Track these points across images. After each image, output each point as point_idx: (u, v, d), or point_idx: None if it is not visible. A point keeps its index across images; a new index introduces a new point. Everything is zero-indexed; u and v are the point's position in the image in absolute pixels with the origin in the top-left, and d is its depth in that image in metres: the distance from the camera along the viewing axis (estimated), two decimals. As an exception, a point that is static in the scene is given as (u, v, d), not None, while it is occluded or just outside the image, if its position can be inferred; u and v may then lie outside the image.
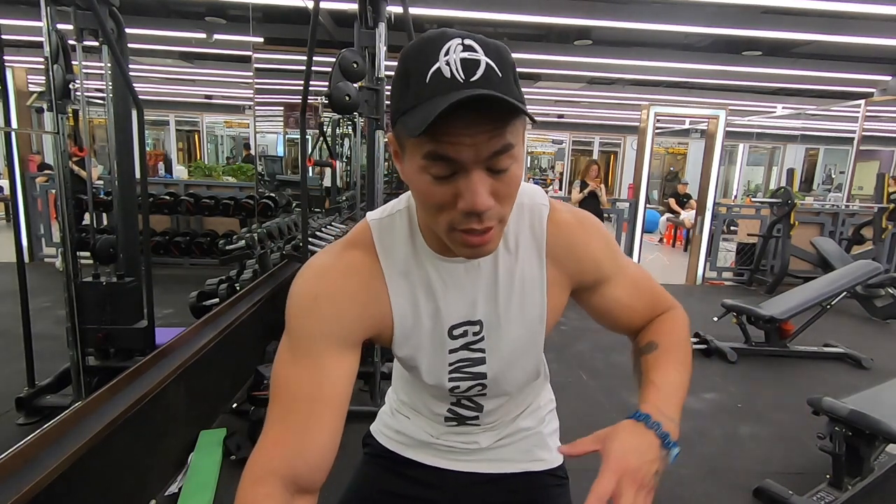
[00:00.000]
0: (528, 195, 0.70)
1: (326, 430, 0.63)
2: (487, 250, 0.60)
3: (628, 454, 0.59)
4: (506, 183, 0.56)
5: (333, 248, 0.70)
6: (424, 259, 0.68)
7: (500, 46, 0.54)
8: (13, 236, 2.02)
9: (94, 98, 2.25)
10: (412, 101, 0.52)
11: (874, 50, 5.75)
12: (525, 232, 0.70)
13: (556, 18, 5.04)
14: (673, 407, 0.66)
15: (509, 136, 0.53)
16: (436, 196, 0.55)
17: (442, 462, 0.87)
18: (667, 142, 14.07)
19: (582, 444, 0.62)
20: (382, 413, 0.95)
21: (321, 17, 3.74)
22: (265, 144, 8.20)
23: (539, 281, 0.70)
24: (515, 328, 0.71)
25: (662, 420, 0.63)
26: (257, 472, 0.61)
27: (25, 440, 1.34)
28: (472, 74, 0.51)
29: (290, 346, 0.65)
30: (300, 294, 0.65)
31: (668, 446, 0.62)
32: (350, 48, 2.39)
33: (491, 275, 0.69)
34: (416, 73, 0.52)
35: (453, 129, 0.51)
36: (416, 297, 0.69)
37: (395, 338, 0.70)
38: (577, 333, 3.89)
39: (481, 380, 0.75)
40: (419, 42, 0.53)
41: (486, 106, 0.50)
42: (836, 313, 4.05)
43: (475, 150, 0.52)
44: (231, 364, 2.63)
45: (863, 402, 2.00)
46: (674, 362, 0.72)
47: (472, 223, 0.55)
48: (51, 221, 5.31)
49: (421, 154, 0.54)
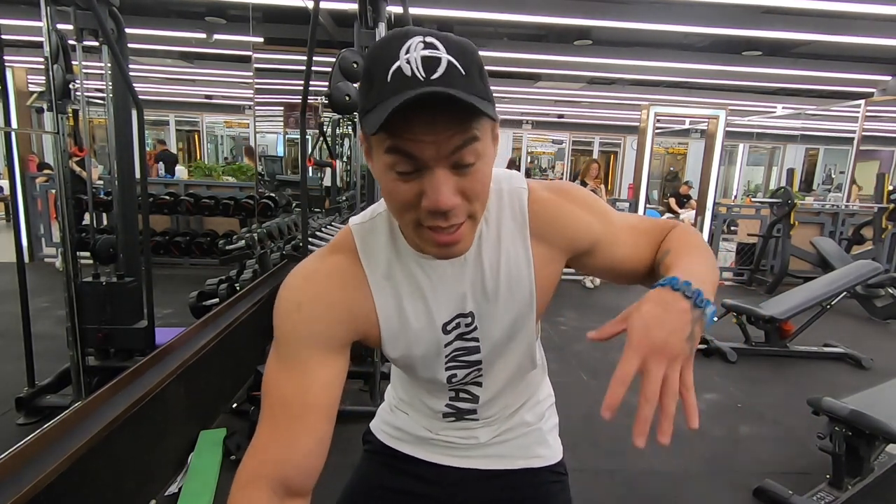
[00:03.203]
0: (505, 181, 0.71)
1: (314, 433, 0.64)
2: (459, 250, 0.60)
3: (651, 328, 0.52)
4: (472, 180, 0.56)
5: (317, 255, 0.71)
6: (408, 260, 0.69)
7: (465, 43, 0.54)
8: (13, 236, 2.03)
9: (94, 98, 2.25)
10: (375, 99, 0.52)
11: (874, 50, 5.75)
12: (506, 218, 0.70)
13: (556, 18, 5.05)
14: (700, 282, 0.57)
15: (473, 130, 0.53)
16: (401, 194, 0.56)
17: (441, 458, 0.87)
18: (667, 142, 14.07)
19: (609, 328, 0.56)
20: (382, 410, 0.96)
21: (321, 17, 3.74)
22: (265, 144, 8.21)
23: (525, 263, 0.70)
24: (506, 312, 0.72)
25: (691, 279, 0.56)
26: (247, 477, 0.62)
27: (25, 440, 1.34)
28: (432, 72, 0.51)
29: (278, 352, 0.66)
30: (285, 300, 0.66)
31: (700, 305, 0.55)
32: (350, 48, 2.39)
33: (476, 266, 0.69)
34: (378, 71, 0.52)
35: (413, 127, 0.51)
36: (400, 299, 0.69)
37: (384, 339, 0.71)
38: (577, 333, 3.89)
39: (476, 366, 0.75)
40: (382, 40, 0.54)
41: (445, 104, 0.50)
42: (836, 313, 4.05)
43: (436, 148, 0.52)
44: (231, 364, 2.63)
45: (863, 402, 2.00)
46: (696, 256, 0.65)
47: (438, 221, 0.56)
48: (51, 221, 5.31)
49: (383, 150, 0.54)
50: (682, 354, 0.52)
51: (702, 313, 0.55)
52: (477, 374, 0.77)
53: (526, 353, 0.78)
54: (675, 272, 0.59)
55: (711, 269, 0.63)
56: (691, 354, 0.53)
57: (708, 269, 0.62)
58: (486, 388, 0.80)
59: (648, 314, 0.54)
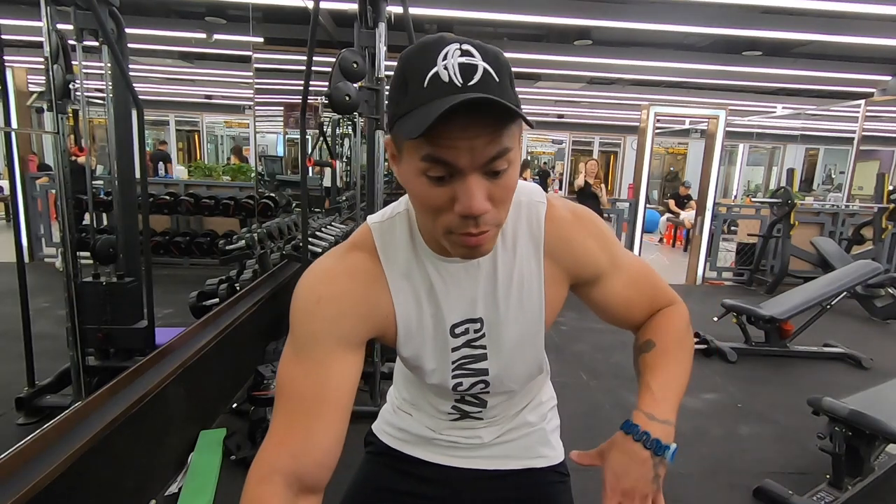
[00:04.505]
0: (525, 193, 0.71)
1: (330, 429, 0.64)
2: (483, 251, 0.61)
3: (621, 477, 0.66)
4: (502, 187, 0.56)
5: (336, 251, 0.71)
6: (425, 260, 0.69)
7: (497, 51, 0.55)
8: (13, 236, 2.03)
9: (94, 98, 2.25)
10: (410, 104, 0.53)
11: (874, 50, 5.75)
12: (523, 229, 0.70)
13: (556, 18, 5.04)
14: (667, 409, 0.68)
15: (506, 140, 0.54)
16: (433, 199, 0.56)
17: (444, 459, 0.87)
18: (667, 142, 14.07)
19: (588, 457, 0.71)
20: (384, 411, 0.96)
21: (321, 17, 3.74)
22: (265, 144, 8.20)
23: (537, 277, 0.71)
24: (515, 325, 0.72)
25: (651, 427, 0.66)
26: (262, 472, 0.62)
27: (25, 440, 1.34)
28: (469, 79, 0.51)
29: (295, 348, 0.66)
30: (304, 296, 0.66)
31: (660, 452, 0.65)
32: (350, 48, 2.39)
33: (490, 273, 0.70)
34: (414, 77, 0.53)
35: (451, 133, 0.52)
36: (418, 298, 0.70)
37: (399, 338, 0.71)
38: (577, 333, 3.89)
39: (483, 376, 0.75)
40: (417, 47, 0.54)
41: (483, 110, 0.51)
42: (836, 313, 4.05)
43: (472, 155, 0.53)
44: (231, 364, 2.63)
45: (863, 402, 2.00)
46: (672, 360, 0.73)
47: (469, 227, 0.56)
48: (51, 221, 5.31)
49: (419, 157, 0.54)
50: (650, 492, 0.65)
51: (661, 459, 0.66)
52: (484, 387, 0.77)
53: (534, 363, 0.79)
54: (643, 400, 0.69)
55: (680, 381, 0.73)
56: (659, 489, 0.66)
57: (677, 383, 0.72)
58: (494, 395, 0.80)
59: (617, 465, 0.66)
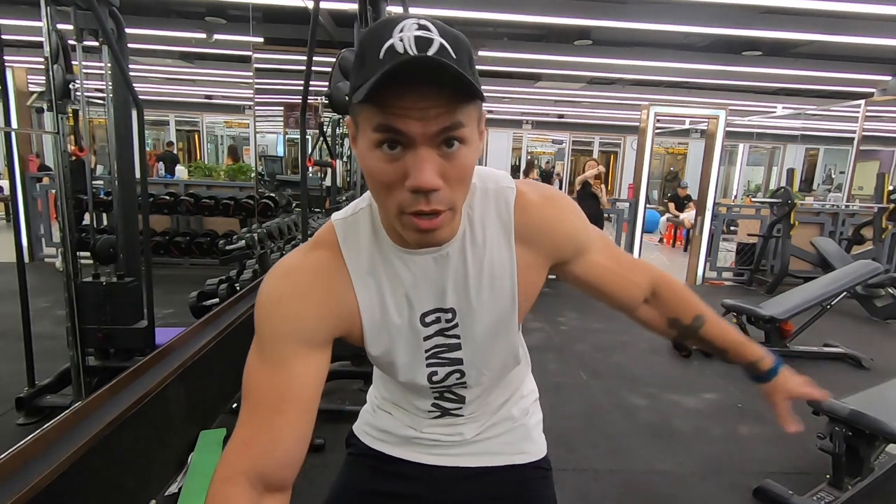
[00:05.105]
0: (492, 180, 0.70)
1: (294, 429, 0.64)
2: (438, 237, 0.60)
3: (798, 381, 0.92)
4: (455, 166, 0.56)
5: (299, 250, 0.70)
6: (390, 254, 0.68)
7: (458, 33, 0.55)
8: (13, 236, 2.02)
9: (94, 98, 2.25)
10: (365, 76, 0.53)
11: (874, 50, 5.75)
12: (492, 218, 0.69)
13: (556, 18, 5.05)
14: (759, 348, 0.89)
15: (460, 115, 0.54)
16: (386, 174, 0.56)
17: (427, 458, 0.86)
18: (667, 142, 14.08)
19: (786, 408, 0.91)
20: (364, 412, 0.95)
21: (321, 17, 3.74)
22: (265, 144, 8.21)
23: (509, 265, 0.70)
24: (488, 314, 0.72)
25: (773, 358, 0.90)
26: (226, 472, 0.62)
27: (25, 440, 1.34)
28: (424, 51, 0.51)
29: (259, 348, 0.66)
30: (266, 295, 0.66)
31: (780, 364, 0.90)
32: (350, 48, 2.39)
33: (460, 265, 0.69)
34: (370, 49, 0.53)
35: (404, 102, 0.52)
36: (382, 294, 0.69)
37: (366, 335, 0.71)
38: (577, 333, 3.89)
39: (458, 366, 0.75)
40: (377, 24, 0.55)
41: (438, 83, 0.51)
42: (836, 313, 4.05)
43: (423, 125, 0.53)
44: (231, 364, 2.63)
45: (863, 402, 2.00)
46: (725, 322, 0.90)
47: (420, 204, 0.56)
48: (51, 221, 5.31)
49: (371, 128, 0.54)
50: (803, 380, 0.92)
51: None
52: (460, 377, 0.76)
53: (509, 352, 0.78)
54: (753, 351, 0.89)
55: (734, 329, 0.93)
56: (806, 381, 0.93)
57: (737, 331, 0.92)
58: (471, 388, 0.79)
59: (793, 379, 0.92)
